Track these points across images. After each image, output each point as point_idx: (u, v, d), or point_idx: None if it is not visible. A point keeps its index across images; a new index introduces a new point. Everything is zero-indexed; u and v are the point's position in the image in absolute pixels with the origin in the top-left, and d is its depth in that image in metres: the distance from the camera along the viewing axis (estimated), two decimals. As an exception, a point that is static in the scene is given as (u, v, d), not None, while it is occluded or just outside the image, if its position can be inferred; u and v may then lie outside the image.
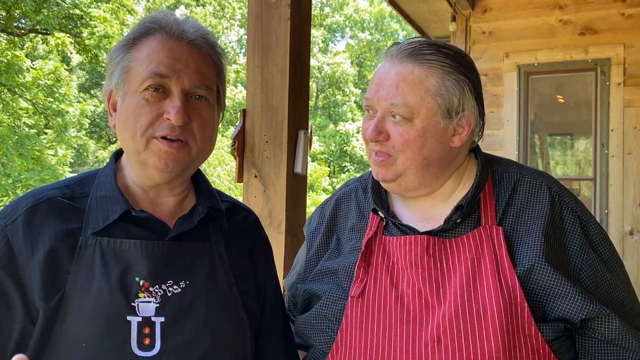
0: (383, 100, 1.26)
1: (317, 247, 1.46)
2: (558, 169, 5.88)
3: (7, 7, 13.59)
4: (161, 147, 1.16)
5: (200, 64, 1.20)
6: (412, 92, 1.24)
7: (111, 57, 1.22)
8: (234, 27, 31.21)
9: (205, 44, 1.23)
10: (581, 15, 5.02)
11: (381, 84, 1.28)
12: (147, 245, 1.16)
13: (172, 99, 1.16)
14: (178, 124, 1.15)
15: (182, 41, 1.19)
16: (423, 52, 1.26)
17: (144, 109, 1.15)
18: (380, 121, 1.27)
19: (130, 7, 15.00)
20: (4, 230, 1.12)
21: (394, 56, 1.29)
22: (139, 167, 1.20)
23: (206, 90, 1.21)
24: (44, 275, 1.10)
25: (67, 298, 1.10)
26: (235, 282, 1.26)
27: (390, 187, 1.33)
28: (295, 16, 2.24)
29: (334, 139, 27.67)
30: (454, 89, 1.26)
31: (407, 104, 1.24)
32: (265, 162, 2.27)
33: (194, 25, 1.23)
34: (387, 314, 1.23)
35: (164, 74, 1.15)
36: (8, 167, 13.97)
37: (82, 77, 25.86)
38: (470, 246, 1.25)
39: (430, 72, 1.25)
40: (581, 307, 1.18)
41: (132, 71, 1.18)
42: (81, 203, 1.19)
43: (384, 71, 1.29)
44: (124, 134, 1.19)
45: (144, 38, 1.20)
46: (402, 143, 1.26)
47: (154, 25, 1.20)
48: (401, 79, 1.25)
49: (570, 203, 1.32)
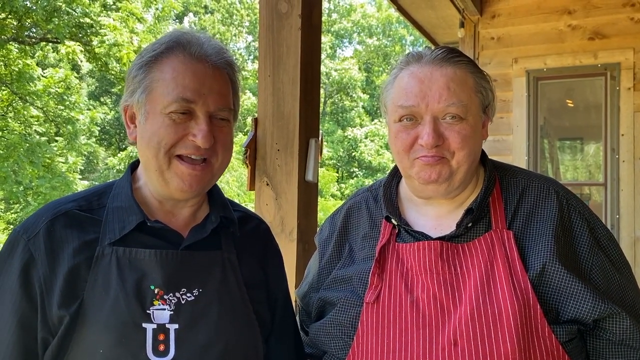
0: (435, 104, 1.26)
1: (330, 256, 1.47)
2: (568, 173, 5.85)
3: (18, 17, 13.74)
4: (184, 170, 1.20)
5: (223, 87, 1.24)
6: (463, 91, 1.28)
7: (133, 74, 1.24)
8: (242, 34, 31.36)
9: (226, 66, 1.26)
10: (590, 20, 5.01)
11: (427, 89, 1.27)
12: (161, 254, 1.19)
13: (198, 122, 1.19)
14: (205, 147, 1.19)
15: (205, 64, 1.21)
16: (454, 55, 1.31)
17: (170, 129, 1.18)
18: (435, 125, 1.27)
19: (139, 15, 15.12)
20: (27, 245, 1.15)
21: (431, 62, 1.29)
22: (161, 185, 1.23)
23: (228, 112, 1.25)
24: (63, 285, 1.13)
25: (85, 306, 1.13)
26: (246, 290, 1.29)
27: (436, 189, 1.31)
28: (306, 26, 2.26)
29: (342, 144, 27.66)
30: (486, 85, 1.33)
31: (462, 103, 1.27)
32: (276, 170, 2.29)
33: (214, 47, 1.24)
34: (403, 319, 1.25)
35: (190, 99, 1.18)
36: (19, 174, 14.09)
37: (92, 85, 26.06)
38: (482, 250, 1.27)
39: (466, 72, 1.30)
40: (593, 306, 1.20)
41: (156, 92, 1.19)
42: (98, 214, 1.23)
43: (424, 77, 1.28)
44: (146, 151, 1.21)
45: (165, 57, 1.21)
46: (460, 141, 1.27)
47: (175, 43, 1.22)
48: (450, 80, 1.27)
49: (577, 206, 1.35)
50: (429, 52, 1.32)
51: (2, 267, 1.16)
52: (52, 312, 1.11)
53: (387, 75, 1.38)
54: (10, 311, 1.12)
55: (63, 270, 1.14)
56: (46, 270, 1.14)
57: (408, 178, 1.35)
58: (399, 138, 1.31)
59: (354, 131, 27.89)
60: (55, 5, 13.91)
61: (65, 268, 1.14)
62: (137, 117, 1.23)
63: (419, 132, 1.28)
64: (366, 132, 27.84)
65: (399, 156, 1.33)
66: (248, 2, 31.15)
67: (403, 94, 1.30)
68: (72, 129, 15.06)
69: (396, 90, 1.33)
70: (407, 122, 1.30)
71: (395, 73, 1.35)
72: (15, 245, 1.16)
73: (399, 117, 1.31)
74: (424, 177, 1.29)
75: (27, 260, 1.14)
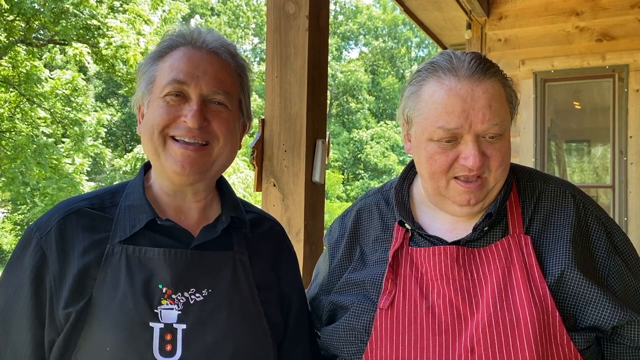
0: (479, 125, 1.20)
1: (340, 258, 1.45)
2: (575, 176, 5.82)
3: (26, 19, 13.82)
4: (177, 150, 1.20)
5: (219, 71, 1.24)
6: (502, 107, 1.23)
7: (139, 70, 1.27)
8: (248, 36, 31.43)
9: (225, 52, 1.26)
10: (598, 21, 4.99)
11: (470, 108, 1.20)
12: (170, 253, 1.19)
13: (190, 103, 1.20)
14: (194, 127, 1.19)
15: (202, 50, 1.23)
16: (487, 66, 1.24)
17: (163, 110, 1.20)
18: (478, 145, 1.21)
19: (146, 17, 15.14)
20: (39, 243, 1.17)
21: (469, 77, 1.21)
22: (159, 170, 1.25)
23: (224, 95, 1.24)
24: (72, 283, 1.13)
25: (94, 304, 1.13)
26: (257, 292, 1.28)
27: (470, 210, 1.28)
28: (313, 27, 2.26)
29: (347, 146, 27.67)
30: (513, 94, 1.28)
31: (504, 121, 1.23)
32: (283, 171, 2.29)
33: (215, 36, 1.27)
34: (418, 325, 1.23)
35: (183, 81, 1.20)
36: (26, 175, 14.15)
37: (99, 87, 26.19)
38: (499, 255, 1.25)
39: (500, 84, 1.25)
40: (612, 314, 1.18)
41: (156, 80, 1.23)
42: (110, 212, 1.24)
43: (465, 94, 1.20)
44: (144, 135, 1.23)
45: (170, 51, 1.25)
46: (501, 159, 1.23)
47: (180, 39, 1.25)
48: (491, 98, 1.21)
49: (594, 211, 1.33)
50: (462, 64, 1.22)
51: (15, 264, 1.18)
52: (59, 310, 1.12)
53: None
54: (23, 308, 1.13)
55: (73, 268, 1.14)
56: (56, 268, 1.15)
57: (439, 196, 1.30)
58: (435, 160, 1.24)
59: (359, 133, 27.89)
60: (62, 8, 13.98)
61: (75, 266, 1.15)
62: (144, 110, 1.26)
63: (459, 152, 1.22)
64: (372, 134, 27.84)
65: (434, 176, 1.26)
66: (254, 4, 31.22)
67: (444, 114, 1.21)
68: (79, 131, 15.11)
69: (430, 105, 1.23)
70: (446, 144, 1.23)
71: (420, 82, 1.27)
72: (28, 243, 1.18)
73: (439, 139, 1.23)
74: (461, 202, 1.26)
75: (38, 259, 1.16)
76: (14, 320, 1.13)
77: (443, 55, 1.27)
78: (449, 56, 1.26)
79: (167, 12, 17.21)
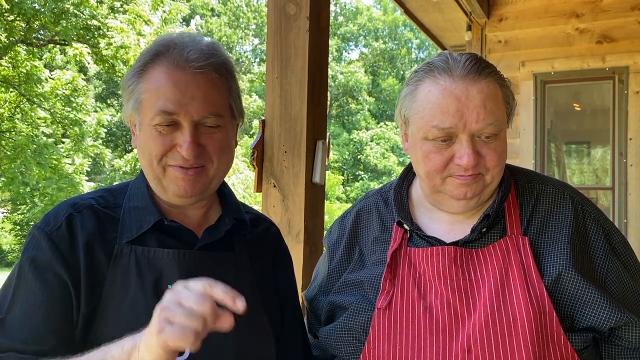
0: (474, 124, 1.20)
1: (339, 259, 1.46)
2: (575, 177, 5.82)
3: (26, 19, 13.83)
4: (177, 175, 1.20)
5: (208, 91, 1.19)
6: (497, 107, 1.23)
7: (124, 85, 1.24)
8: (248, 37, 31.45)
9: (211, 68, 1.20)
10: (598, 23, 4.99)
11: (464, 107, 1.20)
12: (179, 254, 1.20)
13: (183, 131, 1.18)
14: (189, 158, 1.18)
15: (186, 71, 1.18)
16: (482, 66, 1.25)
17: (157, 141, 1.18)
18: (473, 145, 1.22)
19: (146, 17, 15.15)
20: (50, 237, 1.15)
21: (464, 76, 1.22)
22: (160, 192, 1.25)
23: (216, 118, 1.21)
24: (84, 280, 1.13)
25: (104, 304, 1.13)
26: (259, 292, 1.29)
27: (467, 204, 1.29)
28: (314, 28, 2.26)
29: (347, 147, 27.68)
30: (510, 95, 1.29)
31: (499, 121, 1.23)
32: (284, 172, 2.29)
33: (199, 50, 1.20)
34: (416, 325, 1.23)
35: (172, 111, 1.17)
36: (26, 175, 14.16)
37: (99, 87, 26.20)
38: (497, 256, 1.25)
39: (496, 85, 1.25)
40: (609, 315, 1.18)
41: (144, 103, 1.20)
42: (115, 212, 1.24)
43: (460, 94, 1.21)
44: (142, 160, 1.23)
45: (150, 66, 1.20)
46: (497, 158, 1.24)
47: (163, 48, 1.20)
48: (485, 97, 1.21)
49: (592, 212, 1.33)
50: (458, 64, 1.23)
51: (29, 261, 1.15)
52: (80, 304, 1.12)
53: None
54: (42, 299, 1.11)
55: (83, 265, 1.14)
56: (73, 263, 1.14)
57: (436, 194, 1.30)
58: (430, 159, 1.25)
59: (359, 134, 27.91)
60: (63, 8, 13.99)
61: (85, 263, 1.14)
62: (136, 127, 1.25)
63: (454, 152, 1.22)
64: (372, 135, 27.86)
65: (430, 175, 1.27)
66: (255, 5, 31.24)
67: (438, 113, 1.21)
68: (78, 131, 15.12)
69: (426, 105, 1.24)
70: (441, 143, 1.23)
71: (417, 82, 1.28)
72: (39, 239, 1.16)
73: (433, 138, 1.24)
74: (458, 195, 1.26)
75: (54, 252, 1.14)
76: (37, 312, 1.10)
77: (440, 56, 1.28)
78: (445, 57, 1.27)
79: (168, 12, 17.22)
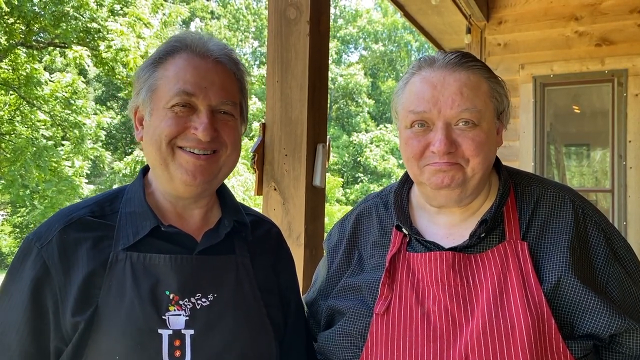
0: (448, 110, 1.22)
1: (339, 263, 1.45)
2: (574, 180, 5.83)
3: (26, 22, 13.83)
4: (188, 159, 1.20)
5: (225, 80, 1.24)
6: (477, 96, 1.24)
7: (138, 75, 1.26)
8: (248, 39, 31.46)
9: (230, 62, 1.26)
10: (597, 26, 5.00)
11: (439, 94, 1.23)
12: (176, 259, 1.19)
13: (200, 115, 1.20)
14: (206, 140, 1.19)
15: (207, 59, 1.22)
16: (467, 60, 1.27)
17: (171, 122, 1.19)
18: (447, 131, 1.23)
19: (146, 20, 15.15)
20: (39, 253, 1.15)
21: (443, 66, 1.26)
22: (166, 180, 1.23)
23: (231, 105, 1.24)
24: (78, 292, 1.12)
25: (100, 313, 1.12)
26: (260, 295, 1.28)
27: (449, 194, 1.27)
28: (314, 32, 2.27)
29: (347, 149, 27.66)
30: (500, 91, 1.29)
31: (476, 108, 1.23)
32: (284, 175, 2.30)
33: (218, 44, 1.26)
34: (413, 331, 1.22)
35: (191, 92, 1.19)
36: (26, 178, 14.15)
37: (99, 90, 26.19)
38: (495, 261, 1.24)
39: (480, 77, 1.27)
40: (610, 322, 1.17)
41: (160, 89, 1.21)
42: (111, 219, 1.22)
43: (436, 81, 1.24)
44: (150, 146, 1.22)
45: (170, 57, 1.23)
46: (475, 148, 1.23)
47: (180, 44, 1.24)
48: (463, 85, 1.23)
49: (594, 216, 1.31)
50: (441, 57, 1.28)
51: (14, 275, 1.16)
52: (66, 319, 1.11)
53: (393, 80, 1.37)
54: (22, 319, 1.12)
55: (77, 278, 1.13)
56: (60, 279, 1.13)
57: (420, 185, 1.32)
58: (409, 145, 1.27)
59: (359, 136, 27.89)
60: (63, 10, 13.99)
61: (79, 275, 1.14)
62: (144, 117, 1.25)
63: (430, 139, 1.24)
64: (371, 138, 27.83)
65: (409, 163, 1.29)
66: (254, 8, 31.27)
67: (415, 99, 1.26)
68: (78, 133, 15.11)
69: (407, 95, 1.29)
70: (418, 129, 1.26)
71: (407, 78, 1.32)
72: (28, 253, 1.16)
73: (410, 123, 1.27)
74: (436, 182, 1.25)
75: (39, 269, 1.14)
76: (12, 331, 1.12)
77: (430, 54, 1.32)
78: (435, 54, 1.31)
79: (167, 15, 17.22)
